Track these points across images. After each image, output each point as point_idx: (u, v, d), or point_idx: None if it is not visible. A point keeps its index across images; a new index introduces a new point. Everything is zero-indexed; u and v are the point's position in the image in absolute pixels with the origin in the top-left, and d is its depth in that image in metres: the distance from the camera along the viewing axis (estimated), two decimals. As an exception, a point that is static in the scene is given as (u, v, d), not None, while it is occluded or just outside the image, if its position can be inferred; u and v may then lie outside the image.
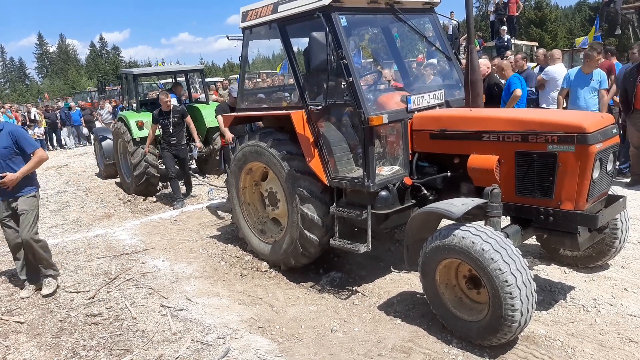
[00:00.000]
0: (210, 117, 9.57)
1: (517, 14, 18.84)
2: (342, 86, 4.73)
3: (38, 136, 18.28)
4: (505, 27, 16.74)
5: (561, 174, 3.67)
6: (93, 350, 4.01)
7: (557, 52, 8.74)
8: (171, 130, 8.32)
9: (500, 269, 3.27)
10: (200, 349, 3.89)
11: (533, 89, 8.26)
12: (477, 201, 3.73)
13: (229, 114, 6.26)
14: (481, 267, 3.35)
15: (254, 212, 5.78)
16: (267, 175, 5.45)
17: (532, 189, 3.86)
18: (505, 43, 16.18)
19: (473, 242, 3.39)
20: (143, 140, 9.07)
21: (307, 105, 4.76)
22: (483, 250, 3.34)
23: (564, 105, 7.35)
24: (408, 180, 4.53)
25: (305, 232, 4.83)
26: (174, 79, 12.57)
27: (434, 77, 5.75)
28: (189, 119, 8.65)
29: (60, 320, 4.57)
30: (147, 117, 9.25)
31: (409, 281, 4.81)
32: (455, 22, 4.63)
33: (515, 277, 3.27)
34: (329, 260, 5.53)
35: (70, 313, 4.71)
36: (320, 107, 4.68)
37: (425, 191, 4.52)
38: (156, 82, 20.50)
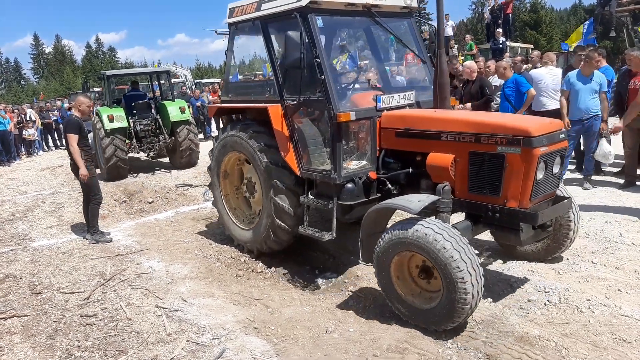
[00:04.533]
0: (175, 112, 11.69)
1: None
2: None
3: (30, 138, 18.14)
4: (500, 30, 16.80)
5: (508, 174, 3.94)
6: (88, 351, 4.00)
7: (549, 55, 8.81)
8: (90, 141, 7.00)
9: (452, 257, 3.54)
10: (195, 349, 3.89)
11: None
12: (432, 198, 4.04)
13: (214, 104, 6.68)
14: (434, 257, 3.60)
15: (234, 202, 6.16)
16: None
17: (483, 187, 4.13)
18: (501, 45, 16.24)
19: (426, 234, 3.65)
20: (114, 131, 10.82)
21: (284, 100, 5.03)
22: (436, 240, 3.59)
23: (566, 107, 7.39)
24: (373, 175, 4.79)
25: (277, 220, 5.17)
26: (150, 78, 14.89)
27: (409, 78, 6.08)
28: None
29: (55, 321, 4.55)
30: (117, 112, 11.16)
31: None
32: (433, 28, 4.80)
33: (466, 263, 3.54)
34: (325, 261, 5.55)
35: (65, 314, 4.69)
36: (295, 102, 4.93)
37: (389, 185, 4.80)
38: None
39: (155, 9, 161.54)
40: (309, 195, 5.05)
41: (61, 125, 20.35)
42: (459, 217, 4.55)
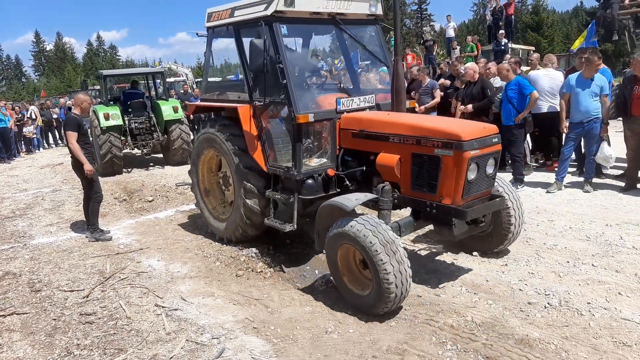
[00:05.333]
0: (168, 111, 12.08)
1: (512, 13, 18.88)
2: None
3: (29, 135, 18.10)
4: (503, 31, 16.80)
5: (443, 174, 4.33)
6: (87, 349, 3.99)
7: (549, 57, 8.81)
8: (90, 138, 7.27)
9: (371, 242, 3.93)
10: (195, 349, 3.89)
11: None
12: (369, 196, 4.46)
13: (192, 102, 7.06)
14: (364, 250, 3.98)
15: (214, 198, 6.54)
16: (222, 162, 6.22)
17: (423, 185, 4.54)
18: (503, 47, 16.25)
19: (358, 230, 4.03)
20: (109, 128, 11.32)
21: (253, 101, 5.41)
22: (365, 236, 3.98)
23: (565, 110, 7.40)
24: (331, 172, 5.16)
25: (246, 218, 5.66)
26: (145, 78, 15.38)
27: (373, 82, 6.43)
28: None
29: (54, 319, 4.55)
30: (113, 110, 11.57)
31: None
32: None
33: (384, 247, 3.91)
34: (325, 262, 5.52)
35: (64, 312, 4.69)
36: (262, 103, 5.27)
37: (347, 182, 5.17)
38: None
39: (156, 8, 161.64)
40: (275, 189, 5.47)
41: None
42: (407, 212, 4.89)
